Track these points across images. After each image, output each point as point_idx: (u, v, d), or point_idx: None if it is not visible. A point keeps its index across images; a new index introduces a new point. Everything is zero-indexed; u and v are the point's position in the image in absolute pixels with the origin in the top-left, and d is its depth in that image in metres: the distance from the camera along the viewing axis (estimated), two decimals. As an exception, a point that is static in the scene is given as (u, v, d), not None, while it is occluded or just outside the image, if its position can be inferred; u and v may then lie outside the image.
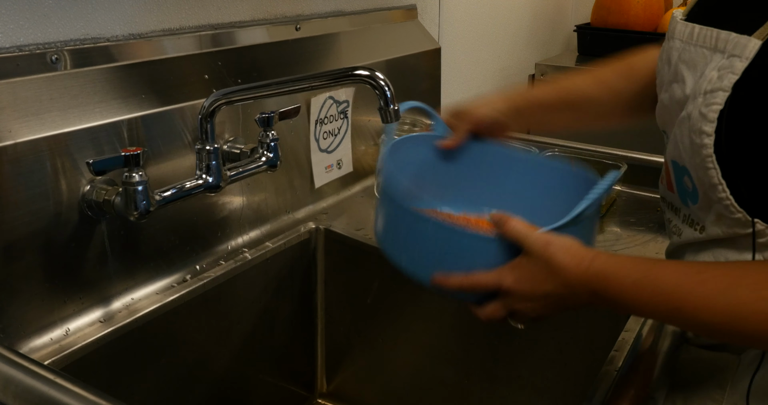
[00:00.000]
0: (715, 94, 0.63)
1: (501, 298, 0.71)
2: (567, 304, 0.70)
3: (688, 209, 0.73)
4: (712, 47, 0.66)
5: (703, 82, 0.65)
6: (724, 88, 0.62)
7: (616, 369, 0.77)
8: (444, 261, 0.72)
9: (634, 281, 0.65)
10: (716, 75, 0.64)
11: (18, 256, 0.77)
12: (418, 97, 1.43)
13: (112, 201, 0.81)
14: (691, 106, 0.66)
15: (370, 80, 0.76)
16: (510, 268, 0.70)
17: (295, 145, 1.12)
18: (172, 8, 0.95)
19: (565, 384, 1.00)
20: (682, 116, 0.68)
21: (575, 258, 0.67)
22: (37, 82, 0.79)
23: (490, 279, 0.71)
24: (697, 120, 0.65)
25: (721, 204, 0.65)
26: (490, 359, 1.06)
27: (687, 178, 0.70)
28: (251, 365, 1.08)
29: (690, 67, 0.68)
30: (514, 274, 0.70)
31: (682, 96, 0.69)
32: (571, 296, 0.68)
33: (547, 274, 0.68)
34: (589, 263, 0.67)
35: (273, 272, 1.07)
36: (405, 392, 1.16)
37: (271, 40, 1.10)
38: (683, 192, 0.73)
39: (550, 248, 0.68)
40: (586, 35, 2.15)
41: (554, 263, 0.67)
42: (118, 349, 0.85)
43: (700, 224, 0.71)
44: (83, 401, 0.55)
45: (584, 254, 0.68)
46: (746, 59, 0.61)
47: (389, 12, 1.38)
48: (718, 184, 0.64)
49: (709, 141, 0.64)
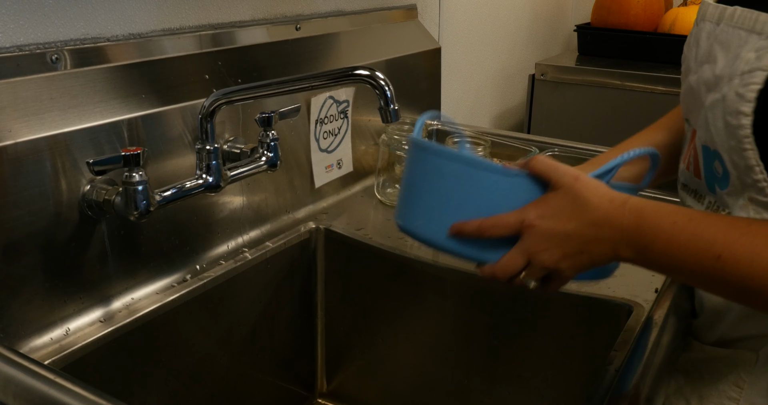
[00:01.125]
0: (754, 74, 0.62)
1: (520, 241, 0.67)
2: (590, 251, 0.65)
3: (714, 196, 0.72)
4: (750, 28, 0.65)
5: (739, 64, 0.64)
6: (763, 67, 0.62)
7: (616, 369, 0.77)
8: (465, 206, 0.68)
9: (674, 222, 0.62)
10: (754, 56, 0.63)
11: (18, 256, 0.77)
12: (418, 96, 1.43)
13: (112, 201, 0.81)
14: (726, 87, 0.65)
15: (370, 80, 0.76)
16: (534, 203, 0.66)
17: (295, 145, 1.12)
18: (172, 8, 0.95)
19: (565, 384, 1.00)
20: (716, 98, 0.67)
21: (605, 196, 0.64)
22: (37, 82, 0.79)
23: (512, 217, 0.66)
24: (734, 101, 0.64)
25: (756, 187, 0.65)
26: (490, 359, 1.06)
27: (718, 162, 0.69)
28: (251, 365, 1.08)
29: (724, 48, 0.68)
30: (539, 208, 0.66)
31: (711, 76, 0.68)
32: (595, 241, 0.64)
33: (573, 210, 0.64)
34: (623, 200, 0.64)
35: (273, 272, 1.07)
36: (405, 392, 1.16)
37: (271, 40, 1.10)
38: (712, 177, 0.71)
39: (579, 182, 0.65)
40: (587, 35, 2.15)
41: (583, 198, 0.64)
42: (119, 349, 0.85)
43: (726, 210, 0.70)
44: (83, 401, 0.55)
45: (615, 195, 0.65)
46: None
47: (389, 12, 1.38)
48: (755, 165, 0.64)
49: (747, 121, 0.63)
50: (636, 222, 0.63)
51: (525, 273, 0.68)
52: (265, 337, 1.09)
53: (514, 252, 0.67)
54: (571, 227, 0.64)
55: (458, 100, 1.80)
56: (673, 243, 0.61)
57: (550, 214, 0.65)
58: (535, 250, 0.66)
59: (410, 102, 1.40)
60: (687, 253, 0.61)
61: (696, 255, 0.61)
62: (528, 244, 0.66)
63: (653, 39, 2.02)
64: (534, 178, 0.67)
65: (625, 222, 0.63)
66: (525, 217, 0.66)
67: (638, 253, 0.63)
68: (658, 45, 2.00)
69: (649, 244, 0.62)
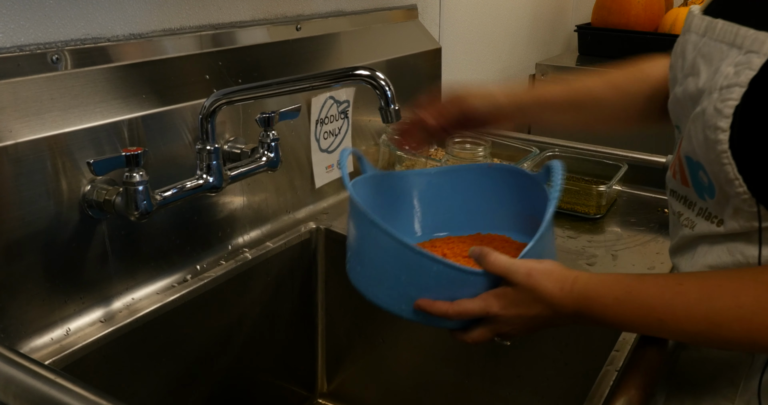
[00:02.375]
0: (732, 89, 0.63)
1: (487, 323, 0.74)
2: (554, 324, 0.73)
3: (705, 203, 0.72)
4: (730, 42, 0.65)
5: (719, 78, 0.64)
6: (741, 83, 0.62)
7: (616, 369, 0.77)
8: (427, 291, 0.74)
9: (616, 297, 0.68)
10: (732, 70, 0.63)
11: (18, 256, 0.77)
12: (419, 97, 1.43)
13: (112, 201, 0.81)
14: (706, 101, 0.66)
15: (370, 80, 0.76)
16: (495, 295, 0.73)
17: (295, 145, 1.12)
18: (172, 8, 0.95)
19: (565, 384, 1.00)
20: (697, 112, 0.67)
21: (558, 282, 0.70)
22: (37, 82, 0.79)
23: (476, 306, 0.73)
24: (712, 115, 0.64)
25: (739, 198, 0.65)
26: (490, 359, 1.06)
27: (702, 173, 0.70)
28: (252, 365, 1.08)
29: (706, 61, 0.68)
30: (500, 301, 0.72)
31: (695, 90, 0.69)
32: (558, 317, 0.71)
33: (533, 299, 0.70)
34: (571, 285, 0.69)
35: (273, 272, 1.07)
36: (405, 392, 1.16)
37: (272, 40, 1.10)
38: (699, 186, 0.72)
39: (533, 276, 0.70)
40: (587, 35, 2.15)
41: (539, 291, 0.70)
42: (119, 349, 0.85)
43: (718, 217, 0.71)
44: (84, 401, 0.55)
45: (566, 277, 0.70)
46: (764, 55, 0.61)
47: (390, 12, 1.38)
48: (734, 179, 0.64)
49: (724, 137, 0.63)
50: (585, 304, 0.69)
51: (496, 340, 0.76)
52: (265, 337, 1.09)
53: (485, 329, 0.74)
54: (533, 312, 0.71)
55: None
56: (620, 316, 0.68)
57: (512, 304, 0.71)
58: (504, 330, 0.74)
59: (410, 102, 1.40)
60: (635, 321, 0.68)
61: (641, 321, 0.67)
62: (496, 327, 0.73)
63: (654, 39, 2.02)
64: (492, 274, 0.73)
65: (577, 305, 0.69)
66: (489, 310, 0.72)
67: (596, 324, 0.70)
68: (659, 45, 1.98)
69: (601, 319, 0.69)
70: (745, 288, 0.63)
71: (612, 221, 1.20)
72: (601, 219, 1.20)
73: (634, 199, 1.29)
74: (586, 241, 1.12)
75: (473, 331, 0.75)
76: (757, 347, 0.65)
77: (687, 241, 0.77)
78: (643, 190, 1.30)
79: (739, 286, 0.63)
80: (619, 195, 1.30)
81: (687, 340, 0.71)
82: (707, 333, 0.64)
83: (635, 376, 0.74)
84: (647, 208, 1.24)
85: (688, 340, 0.70)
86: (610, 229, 1.17)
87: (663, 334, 0.69)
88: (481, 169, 0.95)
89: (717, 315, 0.63)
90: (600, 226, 1.18)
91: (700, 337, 0.66)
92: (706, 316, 0.63)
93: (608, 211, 1.23)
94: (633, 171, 1.27)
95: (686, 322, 0.64)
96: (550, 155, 1.35)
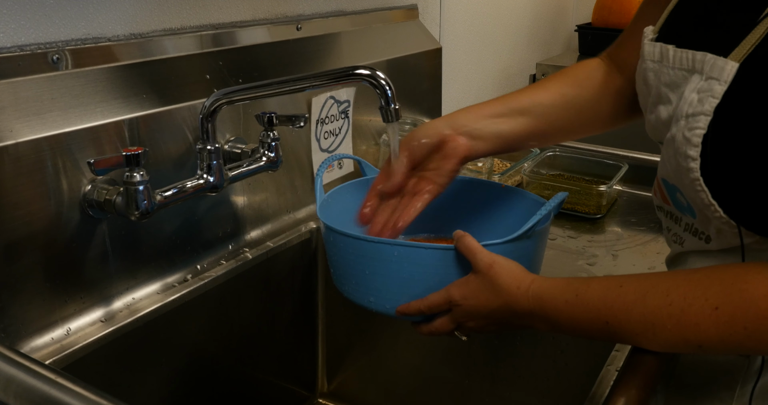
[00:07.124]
0: (697, 118, 0.62)
1: (448, 312, 0.75)
2: (511, 324, 0.73)
3: (691, 218, 0.72)
4: (690, 68, 0.65)
5: (684, 105, 0.64)
6: (706, 112, 0.62)
7: (616, 369, 0.77)
8: (389, 278, 0.77)
9: (566, 300, 0.68)
10: (696, 98, 0.63)
11: (19, 256, 0.77)
12: (419, 96, 1.43)
13: (113, 201, 0.81)
14: (675, 128, 0.66)
15: (370, 79, 0.76)
16: (458, 284, 0.74)
17: (295, 144, 1.12)
18: (173, 8, 0.95)
19: (565, 384, 1.00)
20: (668, 138, 0.67)
21: (516, 280, 0.70)
22: (38, 82, 0.79)
23: (440, 296, 0.74)
24: (682, 143, 0.64)
25: (720, 221, 0.65)
26: (490, 359, 1.06)
27: (680, 195, 0.70)
28: (252, 365, 1.08)
29: (671, 89, 0.68)
30: (462, 290, 0.73)
31: (666, 117, 0.69)
32: (513, 318, 0.72)
33: (490, 292, 0.71)
34: (527, 286, 0.70)
35: (274, 272, 1.07)
36: (405, 392, 1.16)
37: (272, 40, 1.10)
38: (680, 207, 0.72)
39: (493, 268, 0.71)
40: (587, 35, 2.15)
41: (497, 283, 0.71)
42: (119, 349, 0.85)
43: (705, 233, 0.71)
44: (84, 401, 0.55)
45: (524, 277, 0.71)
46: (725, 82, 0.61)
47: (390, 12, 1.38)
48: (709, 205, 0.64)
49: (695, 165, 0.63)
50: (539, 306, 0.69)
51: (457, 332, 0.77)
52: (265, 337, 1.09)
53: (446, 319, 0.75)
54: (490, 308, 0.72)
55: (459, 100, 1.80)
56: (572, 319, 0.68)
57: (471, 295, 0.72)
58: (462, 320, 0.75)
59: (411, 102, 1.41)
60: (585, 324, 0.67)
61: (591, 324, 0.67)
62: (456, 316, 0.75)
63: (654, 39, 2.02)
64: (462, 257, 0.75)
65: (531, 307, 0.69)
66: (451, 298, 0.73)
67: (551, 328, 0.70)
68: (659, 45, 2.00)
69: (554, 322, 0.69)
70: (676, 286, 0.62)
71: (612, 221, 1.20)
72: (601, 219, 1.20)
73: (634, 199, 1.29)
74: (586, 241, 1.12)
75: (434, 321, 0.76)
76: (690, 346, 0.63)
77: (679, 255, 0.78)
78: (643, 190, 1.30)
79: (671, 285, 0.63)
80: (619, 195, 1.30)
81: (634, 343, 0.68)
82: (646, 333, 0.63)
83: (635, 376, 0.74)
84: (648, 208, 1.24)
85: (634, 342, 0.67)
86: (610, 229, 1.17)
87: (613, 337, 0.67)
88: (486, 186, 0.96)
89: (651, 314, 0.62)
90: (600, 226, 1.18)
91: (641, 339, 0.65)
92: (642, 316, 0.63)
93: (609, 211, 1.23)
94: (633, 171, 1.27)
95: (627, 323, 0.64)
96: (551, 155, 1.35)
